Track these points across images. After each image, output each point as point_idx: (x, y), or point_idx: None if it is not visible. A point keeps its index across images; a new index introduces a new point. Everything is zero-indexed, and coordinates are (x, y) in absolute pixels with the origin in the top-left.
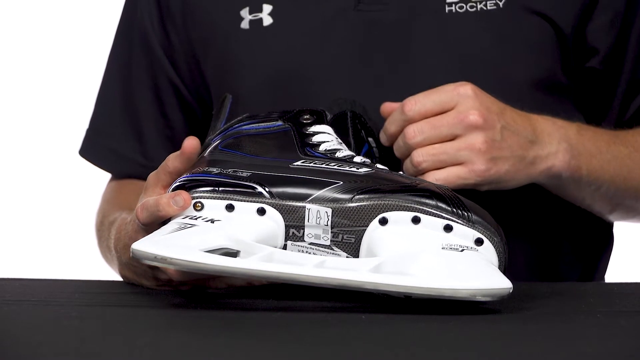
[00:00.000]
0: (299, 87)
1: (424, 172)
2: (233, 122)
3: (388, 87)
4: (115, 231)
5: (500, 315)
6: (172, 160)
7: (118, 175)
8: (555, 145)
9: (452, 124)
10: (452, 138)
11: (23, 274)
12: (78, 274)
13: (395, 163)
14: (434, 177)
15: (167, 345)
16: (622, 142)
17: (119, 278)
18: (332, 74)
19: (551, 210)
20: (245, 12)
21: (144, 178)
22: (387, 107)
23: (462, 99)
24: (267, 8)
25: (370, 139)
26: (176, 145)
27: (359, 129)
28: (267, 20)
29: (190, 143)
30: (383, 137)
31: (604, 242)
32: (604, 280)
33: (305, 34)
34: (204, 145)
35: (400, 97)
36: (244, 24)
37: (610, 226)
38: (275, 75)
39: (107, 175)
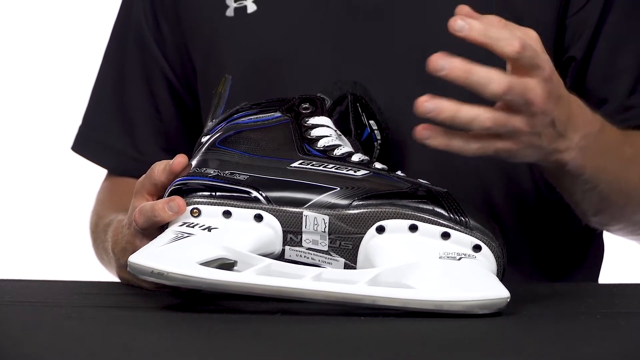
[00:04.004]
0: (284, 74)
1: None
2: (232, 112)
3: (373, 71)
4: (112, 234)
5: (501, 315)
6: (158, 173)
7: (111, 169)
8: (575, 142)
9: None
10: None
11: (23, 275)
12: (77, 275)
13: (395, 145)
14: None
15: (166, 346)
16: (629, 143)
17: (118, 279)
18: (316, 60)
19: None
20: (230, 0)
21: (137, 173)
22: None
23: (536, 72)
24: None
25: (371, 122)
26: (168, 139)
27: (360, 113)
28: (251, 8)
29: (179, 161)
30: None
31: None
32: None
33: (288, 20)
34: (203, 133)
35: (385, 82)
36: (229, 12)
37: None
38: (259, 63)
39: (104, 175)
